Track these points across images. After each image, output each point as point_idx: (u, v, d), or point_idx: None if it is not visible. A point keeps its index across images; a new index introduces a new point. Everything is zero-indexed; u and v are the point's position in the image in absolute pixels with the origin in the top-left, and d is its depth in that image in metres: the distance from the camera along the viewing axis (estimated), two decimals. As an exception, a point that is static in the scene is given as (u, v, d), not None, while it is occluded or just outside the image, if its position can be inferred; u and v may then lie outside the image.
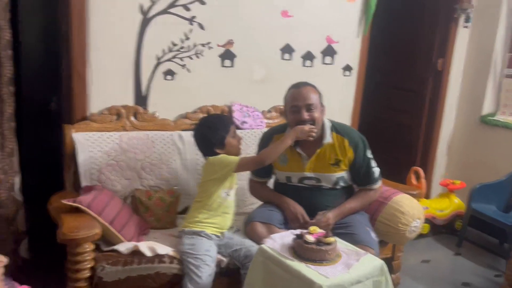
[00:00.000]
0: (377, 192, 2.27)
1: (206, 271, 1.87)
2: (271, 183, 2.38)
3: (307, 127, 2.02)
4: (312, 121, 2.06)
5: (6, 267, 1.57)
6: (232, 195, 2.09)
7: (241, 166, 2.01)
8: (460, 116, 3.71)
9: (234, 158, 2.01)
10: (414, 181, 3.31)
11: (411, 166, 3.43)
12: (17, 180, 2.21)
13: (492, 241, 3.43)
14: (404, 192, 2.42)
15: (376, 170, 2.21)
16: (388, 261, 2.61)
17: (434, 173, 3.78)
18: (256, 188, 2.35)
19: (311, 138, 2.04)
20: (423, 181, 3.29)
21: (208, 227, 2.02)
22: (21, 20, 3.17)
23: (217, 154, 2.04)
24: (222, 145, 2.04)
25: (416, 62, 3.76)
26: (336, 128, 2.17)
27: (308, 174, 2.15)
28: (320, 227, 1.95)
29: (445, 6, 3.49)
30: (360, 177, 2.20)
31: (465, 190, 3.41)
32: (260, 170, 2.19)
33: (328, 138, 2.12)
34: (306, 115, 2.05)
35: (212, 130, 2.05)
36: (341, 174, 2.16)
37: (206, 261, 1.90)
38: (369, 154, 2.18)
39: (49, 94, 2.96)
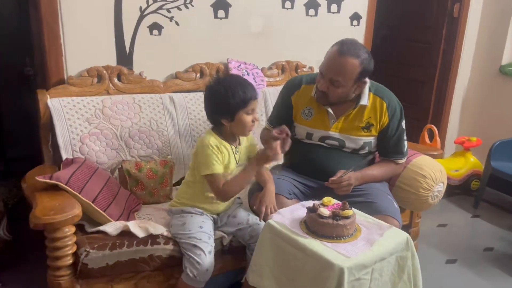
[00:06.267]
0: (401, 168, 2.04)
1: (204, 248, 1.64)
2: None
3: (271, 152, 1.62)
4: (325, 93, 1.81)
5: None
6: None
7: (208, 180, 1.69)
8: (476, 67, 3.42)
9: (209, 167, 1.65)
10: (427, 140, 3.09)
11: (423, 125, 3.20)
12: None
13: (512, 201, 3.23)
14: (424, 153, 2.18)
15: (406, 144, 1.99)
16: (406, 229, 2.40)
17: (448, 130, 3.53)
18: (263, 138, 2.02)
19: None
20: (437, 139, 3.07)
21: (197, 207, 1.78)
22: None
23: (221, 124, 1.71)
24: (231, 117, 1.67)
25: (428, 9, 3.42)
26: (375, 88, 1.91)
27: (333, 134, 1.90)
28: (341, 187, 1.77)
29: None
30: (388, 147, 1.96)
31: (481, 148, 3.19)
32: (279, 119, 1.94)
33: (365, 100, 1.87)
34: (323, 86, 1.79)
35: (228, 93, 1.64)
36: (370, 139, 1.92)
37: (202, 238, 1.67)
38: (403, 124, 1.95)
39: (23, 56, 2.65)
